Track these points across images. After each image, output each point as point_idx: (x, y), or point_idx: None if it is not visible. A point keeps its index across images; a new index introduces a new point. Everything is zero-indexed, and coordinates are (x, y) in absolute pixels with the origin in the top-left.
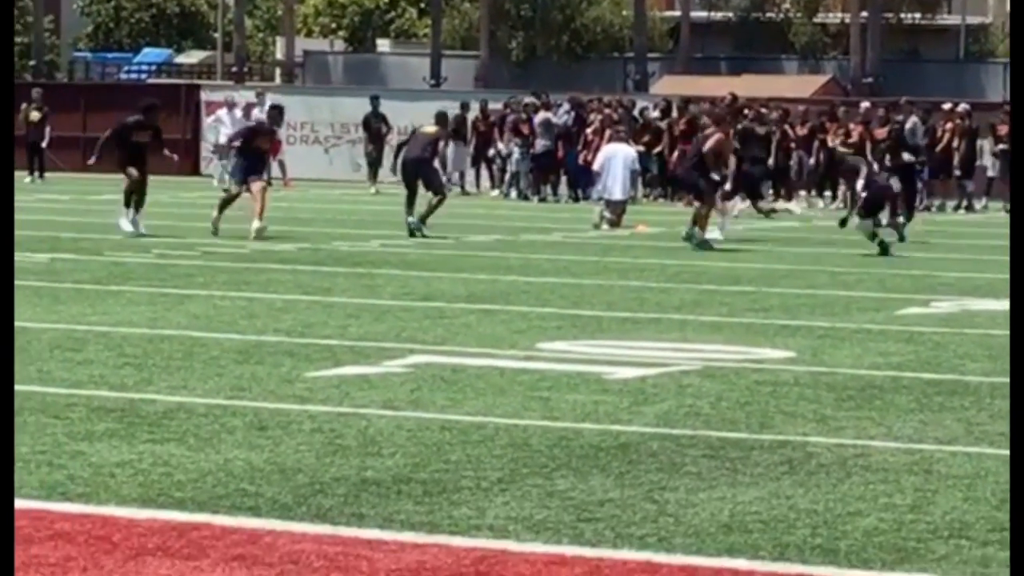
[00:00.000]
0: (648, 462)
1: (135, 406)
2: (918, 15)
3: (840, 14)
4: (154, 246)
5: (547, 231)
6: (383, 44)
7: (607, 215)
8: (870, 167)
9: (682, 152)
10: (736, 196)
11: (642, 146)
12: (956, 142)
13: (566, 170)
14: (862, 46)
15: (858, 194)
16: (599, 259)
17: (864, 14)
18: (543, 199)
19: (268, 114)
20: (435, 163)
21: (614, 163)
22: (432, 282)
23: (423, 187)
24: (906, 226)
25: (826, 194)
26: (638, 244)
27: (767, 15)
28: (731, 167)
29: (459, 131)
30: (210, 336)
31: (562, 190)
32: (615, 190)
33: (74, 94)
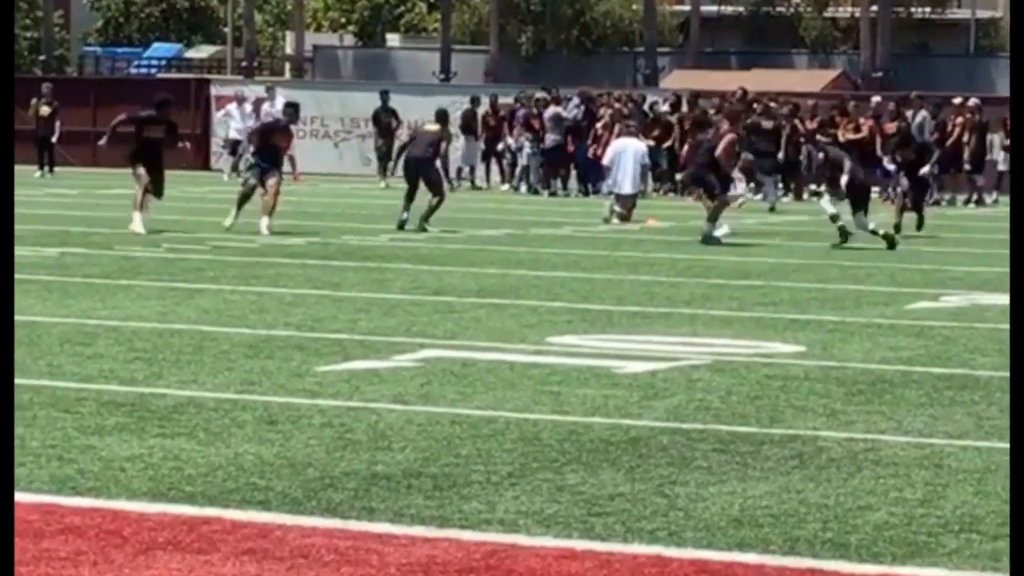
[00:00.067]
0: (658, 456)
1: (145, 400)
2: (928, 9)
3: (850, 8)
4: (164, 240)
5: (557, 225)
6: (393, 39)
7: (617, 209)
8: (853, 160)
9: (693, 146)
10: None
11: (652, 140)
12: (966, 136)
13: (576, 164)
14: (872, 40)
15: (839, 187)
16: (609, 253)
17: (874, 8)
18: (553, 193)
19: (284, 111)
20: (437, 163)
21: (624, 157)
22: (442, 276)
23: (424, 186)
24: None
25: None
26: (648, 238)
27: (777, 9)
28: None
29: (470, 126)
30: (220, 330)
31: (572, 184)
32: (625, 184)
33: (84, 89)
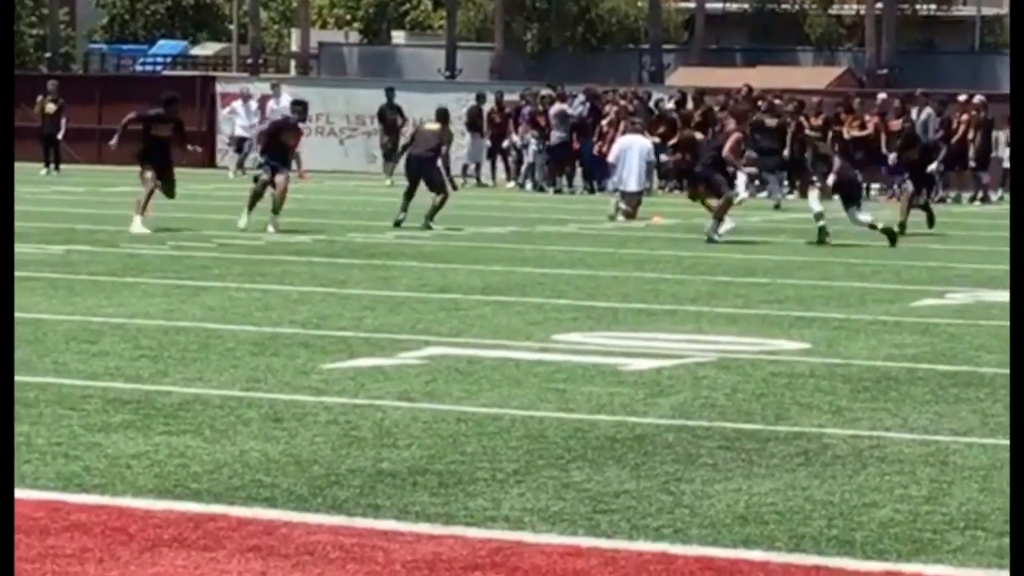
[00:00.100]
0: (664, 454)
1: (151, 398)
2: (933, 6)
3: (855, 5)
4: (169, 238)
5: (562, 223)
6: (398, 36)
7: (622, 206)
8: (844, 157)
9: (683, 142)
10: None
11: (657, 138)
12: (972, 134)
13: (581, 162)
14: (877, 37)
15: (826, 185)
16: (614, 251)
17: (879, 5)
18: (558, 191)
19: (292, 109)
20: (439, 161)
21: (629, 155)
22: (447, 274)
23: (425, 185)
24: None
25: None
26: (653, 236)
27: (782, 6)
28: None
29: (475, 123)
30: (225, 328)
31: (577, 182)
32: (630, 182)
33: (89, 86)
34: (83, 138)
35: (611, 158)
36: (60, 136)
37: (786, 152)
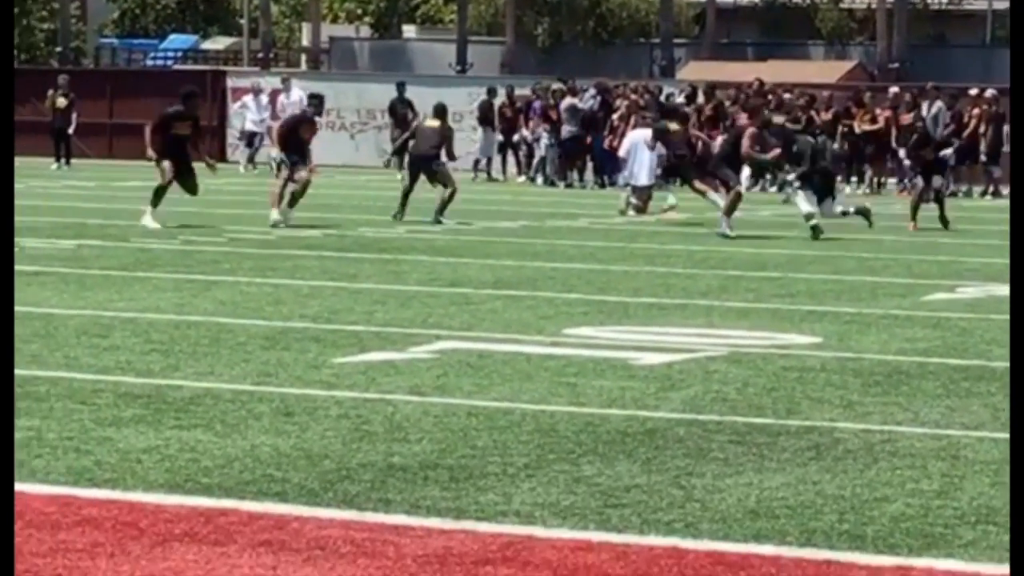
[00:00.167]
0: (675, 448)
1: (162, 392)
2: (945, 0)
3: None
4: (180, 232)
5: (573, 217)
6: (409, 30)
7: (633, 201)
8: (822, 149)
9: (708, 137)
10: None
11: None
12: (983, 128)
13: (592, 156)
14: (889, 31)
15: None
16: (625, 245)
17: None
18: (569, 185)
19: (309, 103)
20: (442, 155)
21: (640, 149)
22: (458, 268)
23: (430, 182)
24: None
25: (853, 179)
26: (664, 230)
27: (793, 0)
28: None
29: (487, 117)
30: (236, 322)
31: (588, 176)
32: (641, 176)
33: (100, 80)
34: (94, 133)
35: (622, 152)
36: (71, 131)
37: (795, 147)
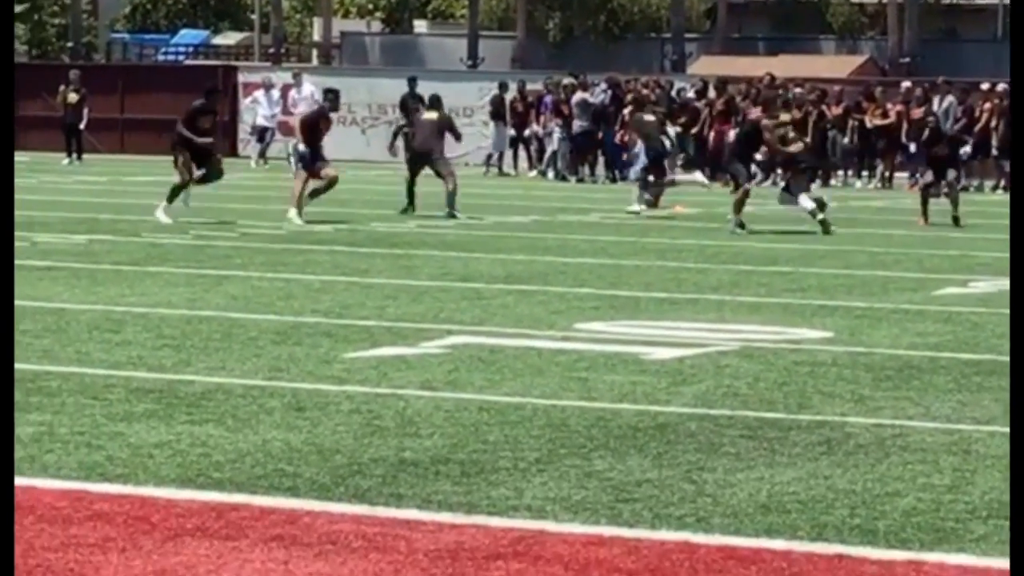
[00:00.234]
0: (686, 442)
1: (173, 387)
2: None
3: None
4: (192, 227)
5: (585, 212)
6: (420, 25)
7: (646, 195)
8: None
9: (719, 133)
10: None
11: (679, 127)
12: (994, 122)
13: (604, 151)
14: (900, 25)
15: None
16: (636, 240)
17: None
18: (581, 180)
19: (325, 98)
20: (445, 148)
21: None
22: (470, 263)
23: (434, 173)
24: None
25: (864, 174)
26: (676, 225)
27: None
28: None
29: (499, 112)
30: (248, 317)
31: (600, 170)
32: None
33: (112, 76)
34: (105, 128)
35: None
36: (82, 126)
37: (807, 140)
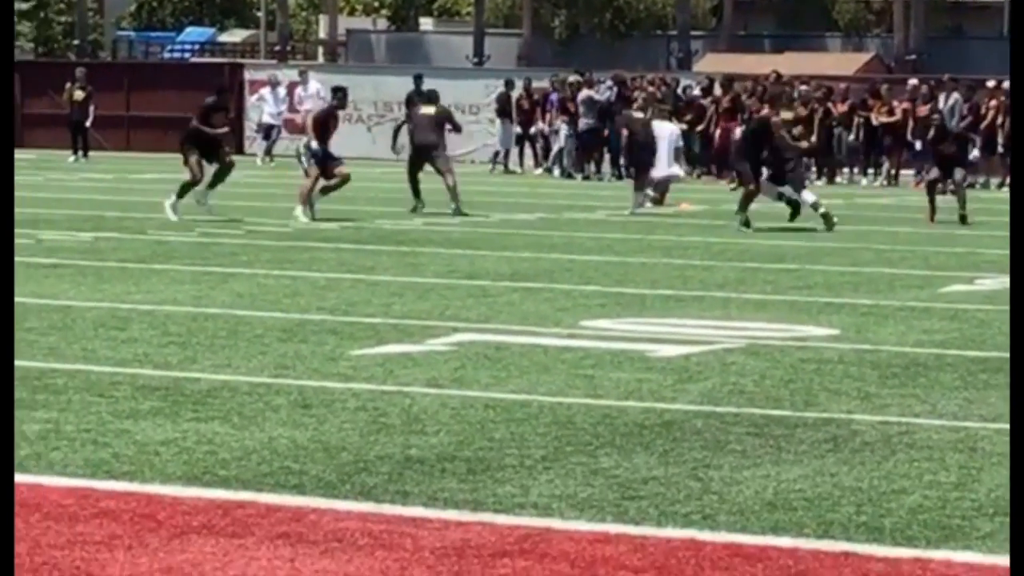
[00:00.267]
0: (692, 440)
1: (179, 384)
2: None
3: None
4: (197, 225)
5: (591, 209)
6: (426, 22)
7: (650, 193)
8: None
9: (725, 131)
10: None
11: (685, 124)
12: (1000, 119)
13: (609, 148)
14: (906, 23)
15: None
16: (642, 237)
17: None
18: (587, 177)
19: (334, 96)
20: (445, 142)
21: (658, 142)
22: (475, 260)
23: (434, 169)
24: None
25: (870, 171)
26: (682, 222)
27: None
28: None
29: (505, 109)
30: (254, 314)
31: (605, 168)
32: (659, 168)
33: (118, 73)
34: (111, 125)
35: None
36: (88, 123)
37: (813, 139)
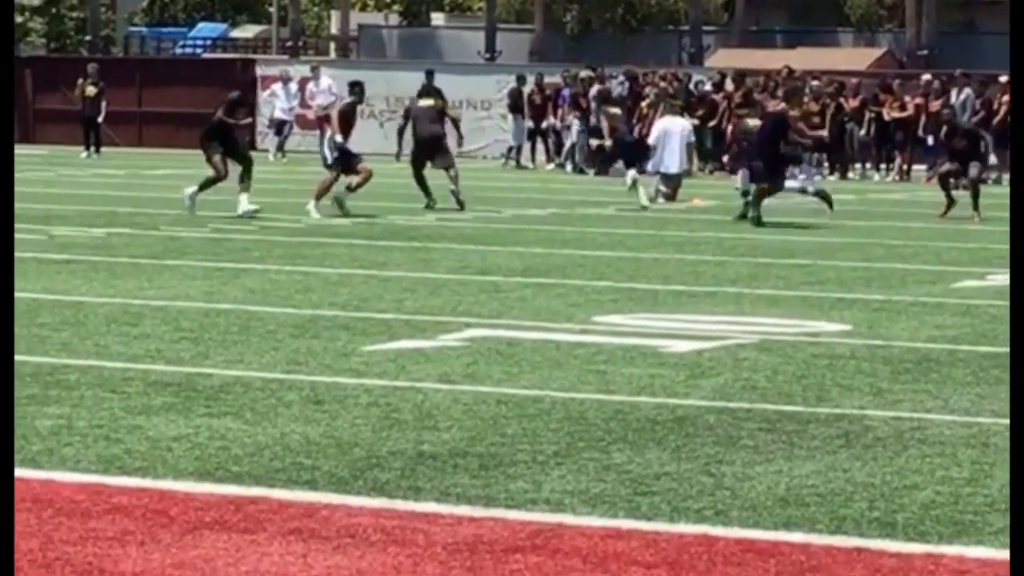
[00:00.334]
0: (704, 435)
1: (192, 380)
2: None
3: None
4: (210, 220)
5: (603, 205)
6: (438, 18)
7: (663, 189)
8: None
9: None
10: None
11: (697, 119)
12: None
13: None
14: (918, 18)
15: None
16: (655, 233)
17: None
18: (599, 172)
19: (351, 91)
20: (446, 131)
21: (670, 137)
22: (488, 256)
23: (436, 164)
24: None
25: (882, 166)
26: (694, 218)
27: None
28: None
29: (516, 104)
30: (266, 310)
31: (618, 163)
32: (671, 164)
33: (130, 69)
34: (123, 121)
35: (651, 140)
36: (100, 119)
37: (824, 133)
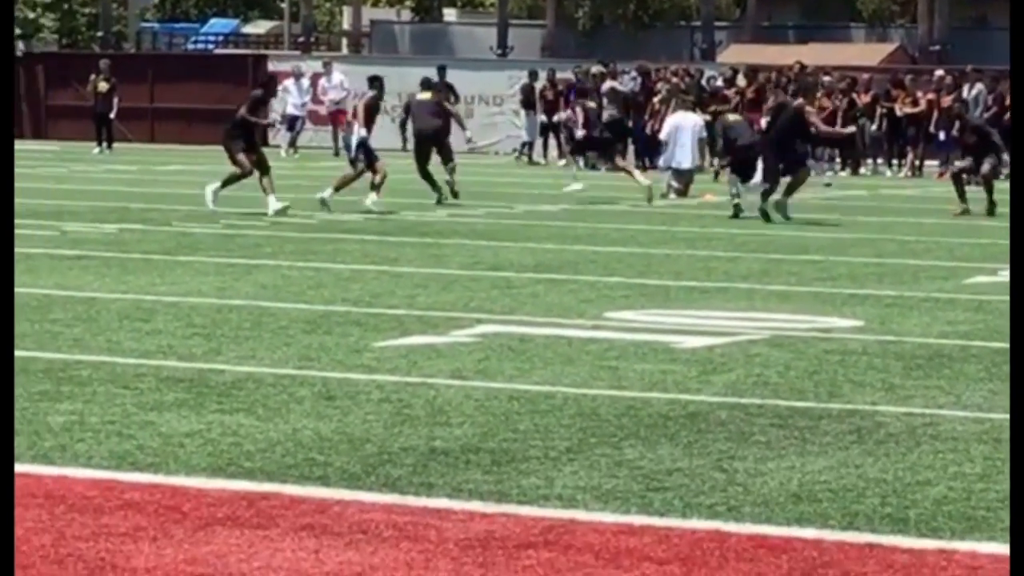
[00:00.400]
0: (717, 431)
1: (204, 376)
2: None
3: None
4: (222, 216)
5: (614, 201)
6: (450, 13)
7: (674, 184)
8: (749, 130)
9: (750, 121)
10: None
11: (709, 115)
12: None
13: (634, 139)
14: (930, 14)
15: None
16: (667, 228)
17: None
18: (611, 168)
19: (371, 86)
20: (449, 128)
21: (681, 132)
22: (499, 252)
23: (439, 157)
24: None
25: (894, 162)
26: (706, 213)
27: None
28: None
29: (529, 100)
30: (278, 306)
31: (629, 159)
32: (683, 159)
33: (142, 65)
34: (135, 117)
35: (663, 136)
36: (112, 115)
37: (852, 129)
